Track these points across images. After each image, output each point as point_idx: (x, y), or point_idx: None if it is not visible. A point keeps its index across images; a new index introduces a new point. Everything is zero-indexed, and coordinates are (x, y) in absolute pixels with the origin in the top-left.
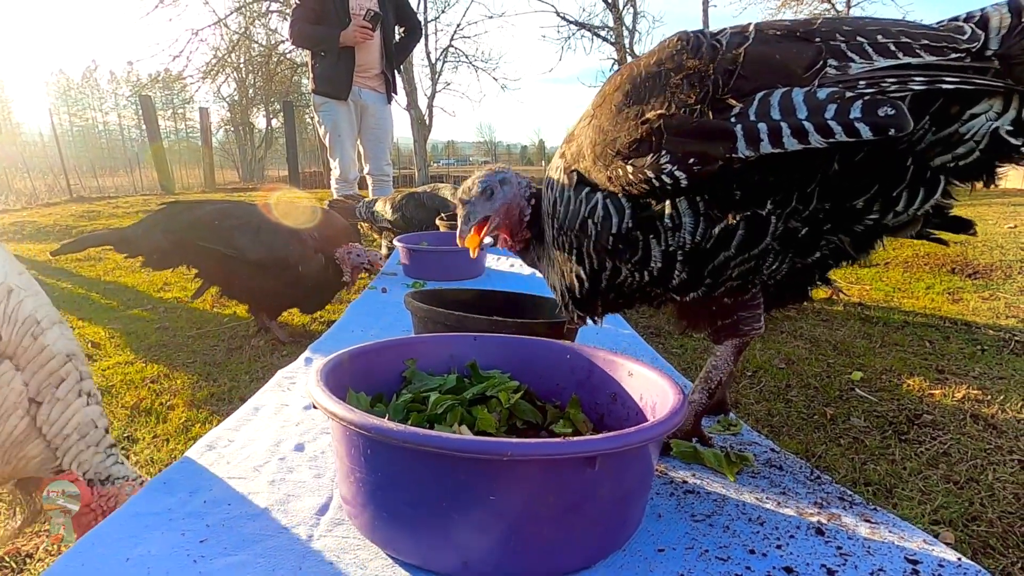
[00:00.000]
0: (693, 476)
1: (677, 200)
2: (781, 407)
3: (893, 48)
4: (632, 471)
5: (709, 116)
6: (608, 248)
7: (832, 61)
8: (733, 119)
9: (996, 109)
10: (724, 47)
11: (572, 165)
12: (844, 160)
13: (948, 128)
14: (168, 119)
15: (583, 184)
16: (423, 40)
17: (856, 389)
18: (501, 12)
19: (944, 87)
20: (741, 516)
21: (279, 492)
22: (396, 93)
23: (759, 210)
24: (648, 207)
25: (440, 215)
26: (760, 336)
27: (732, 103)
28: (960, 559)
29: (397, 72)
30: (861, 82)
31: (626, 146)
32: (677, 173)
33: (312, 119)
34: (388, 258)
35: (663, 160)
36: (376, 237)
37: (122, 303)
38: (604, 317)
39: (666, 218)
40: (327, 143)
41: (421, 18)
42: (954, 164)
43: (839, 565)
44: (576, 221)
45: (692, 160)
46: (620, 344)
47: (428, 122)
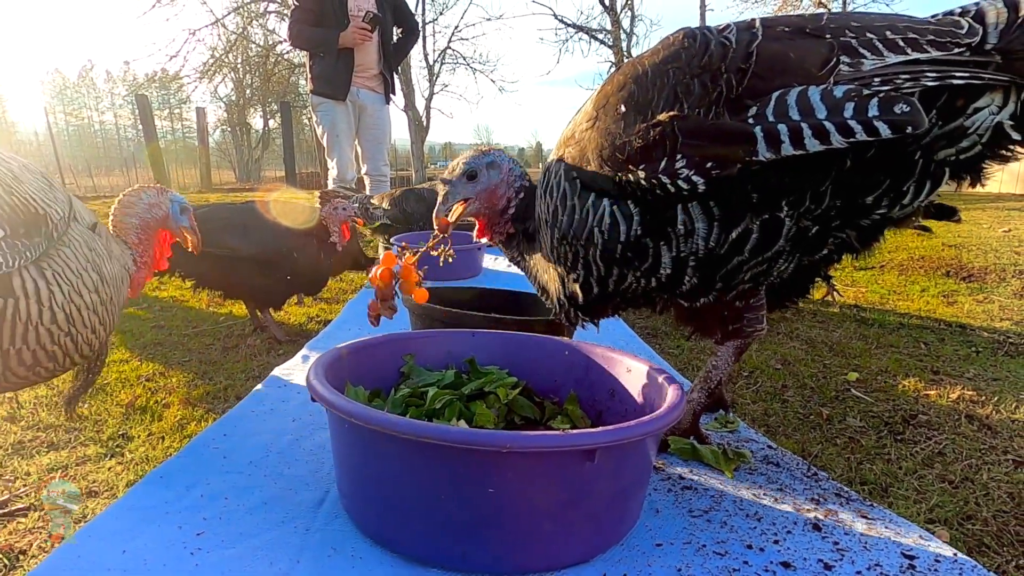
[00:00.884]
0: (691, 472)
1: (690, 205)
2: (777, 407)
3: (902, 44)
4: (631, 465)
5: (725, 117)
6: (616, 257)
7: (844, 58)
8: (751, 120)
9: (997, 103)
10: (734, 44)
11: (574, 170)
12: (857, 157)
13: (954, 122)
14: (164, 119)
15: (588, 191)
16: (421, 42)
17: (852, 390)
18: (499, 14)
19: (954, 82)
20: (739, 512)
21: (276, 486)
22: (395, 94)
23: (775, 212)
24: (659, 213)
25: None
26: (762, 336)
27: (748, 103)
28: (956, 554)
29: (395, 73)
30: (876, 79)
31: (636, 150)
32: (695, 178)
33: (309, 120)
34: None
35: (679, 164)
36: (368, 235)
37: None
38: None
39: (679, 224)
40: (325, 143)
41: (419, 20)
42: (956, 157)
43: (836, 560)
44: (583, 230)
45: (710, 164)
46: (617, 344)
47: (426, 124)
